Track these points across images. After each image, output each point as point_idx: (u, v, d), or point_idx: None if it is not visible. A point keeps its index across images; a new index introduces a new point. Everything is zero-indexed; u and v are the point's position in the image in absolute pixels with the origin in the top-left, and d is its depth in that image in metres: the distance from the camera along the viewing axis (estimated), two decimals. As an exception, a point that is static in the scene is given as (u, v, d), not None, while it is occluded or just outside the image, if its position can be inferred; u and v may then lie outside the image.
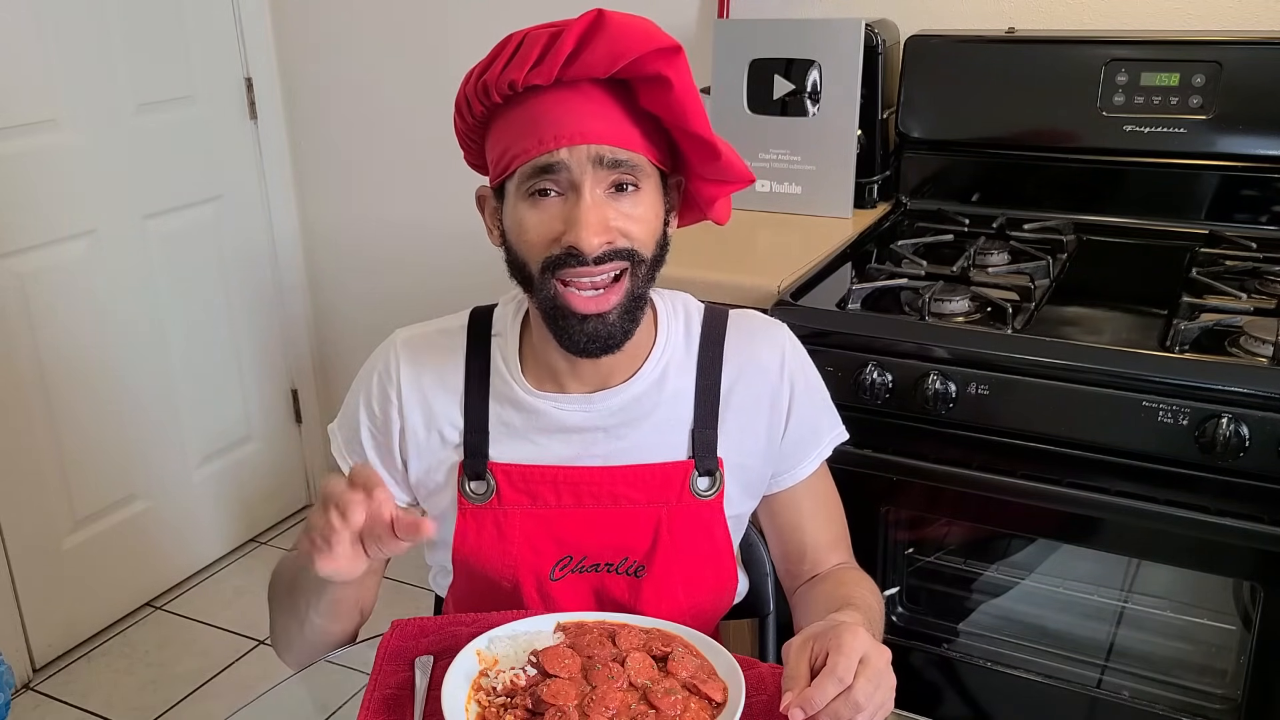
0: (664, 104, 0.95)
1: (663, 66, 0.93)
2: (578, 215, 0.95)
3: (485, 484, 1.08)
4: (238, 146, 2.71)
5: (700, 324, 1.12)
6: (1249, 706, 1.40)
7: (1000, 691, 1.56)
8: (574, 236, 0.95)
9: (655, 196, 1.00)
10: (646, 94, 0.96)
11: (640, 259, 0.99)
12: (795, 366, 1.12)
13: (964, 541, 1.62)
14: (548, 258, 0.97)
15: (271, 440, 2.92)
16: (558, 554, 1.08)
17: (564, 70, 0.93)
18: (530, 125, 0.95)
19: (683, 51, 0.94)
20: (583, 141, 0.94)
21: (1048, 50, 1.84)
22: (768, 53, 1.92)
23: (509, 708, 0.88)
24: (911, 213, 1.97)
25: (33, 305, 2.26)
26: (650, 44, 0.92)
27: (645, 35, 0.92)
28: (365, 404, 1.12)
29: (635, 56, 0.92)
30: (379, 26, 2.58)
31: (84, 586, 2.44)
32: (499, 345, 1.10)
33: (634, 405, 1.08)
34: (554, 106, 0.94)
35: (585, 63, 0.92)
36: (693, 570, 1.10)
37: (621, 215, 0.97)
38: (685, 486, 1.08)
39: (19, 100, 2.19)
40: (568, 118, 0.94)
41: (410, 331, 1.13)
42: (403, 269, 2.76)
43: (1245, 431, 1.26)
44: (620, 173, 0.96)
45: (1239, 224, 1.76)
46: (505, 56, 0.95)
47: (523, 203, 0.98)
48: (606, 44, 0.92)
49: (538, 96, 0.95)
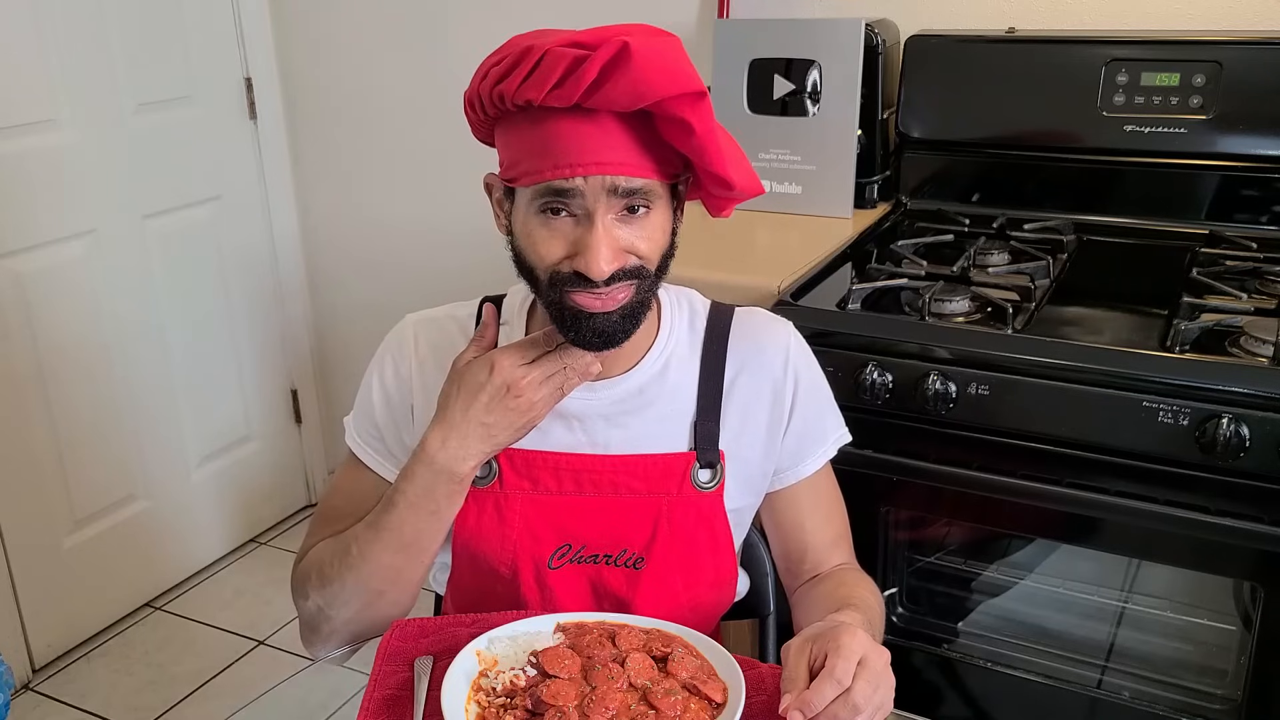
0: (683, 142, 0.94)
1: (686, 111, 0.91)
2: (589, 243, 0.94)
3: (488, 467, 1.08)
4: (237, 146, 2.71)
5: (705, 319, 1.13)
6: (1249, 707, 1.40)
7: (1000, 692, 1.56)
8: (584, 263, 0.94)
9: (665, 213, 1.00)
10: (667, 129, 0.94)
11: (647, 273, 0.99)
12: (800, 364, 1.13)
13: (964, 541, 1.62)
14: (556, 273, 0.97)
15: (271, 440, 2.92)
16: (557, 541, 1.09)
17: (584, 98, 0.90)
18: (545, 145, 0.93)
19: (707, 96, 0.92)
20: (598, 172, 0.93)
21: (1048, 50, 1.84)
22: (768, 53, 1.92)
23: (509, 708, 0.88)
24: (911, 213, 1.97)
25: (33, 305, 2.26)
26: (675, 88, 0.89)
27: (670, 77, 0.89)
28: (379, 383, 1.14)
29: (659, 99, 0.89)
30: (379, 26, 2.58)
31: (84, 586, 2.44)
32: (505, 333, 1.11)
33: (636, 395, 1.08)
34: (570, 131, 0.92)
35: (607, 95, 0.90)
36: (692, 563, 1.10)
37: (631, 239, 0.96)
38: (686, 478, 1.09)
39: (19, 100, 2.19)
40: (585, 145, 0.92)
41: (421, 315, 1.15)
42: (403, 268, 2.76)
43: (1246, 432, 1.26)
44: (634, 199, 0.95)
45: (1239, 224, 1.76)
46: (524, 70, 0.92)
47: (534, 217, 0.97)
48: (630, 81, 0.89)
49: (554, 116, 0.93)
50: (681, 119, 0.91)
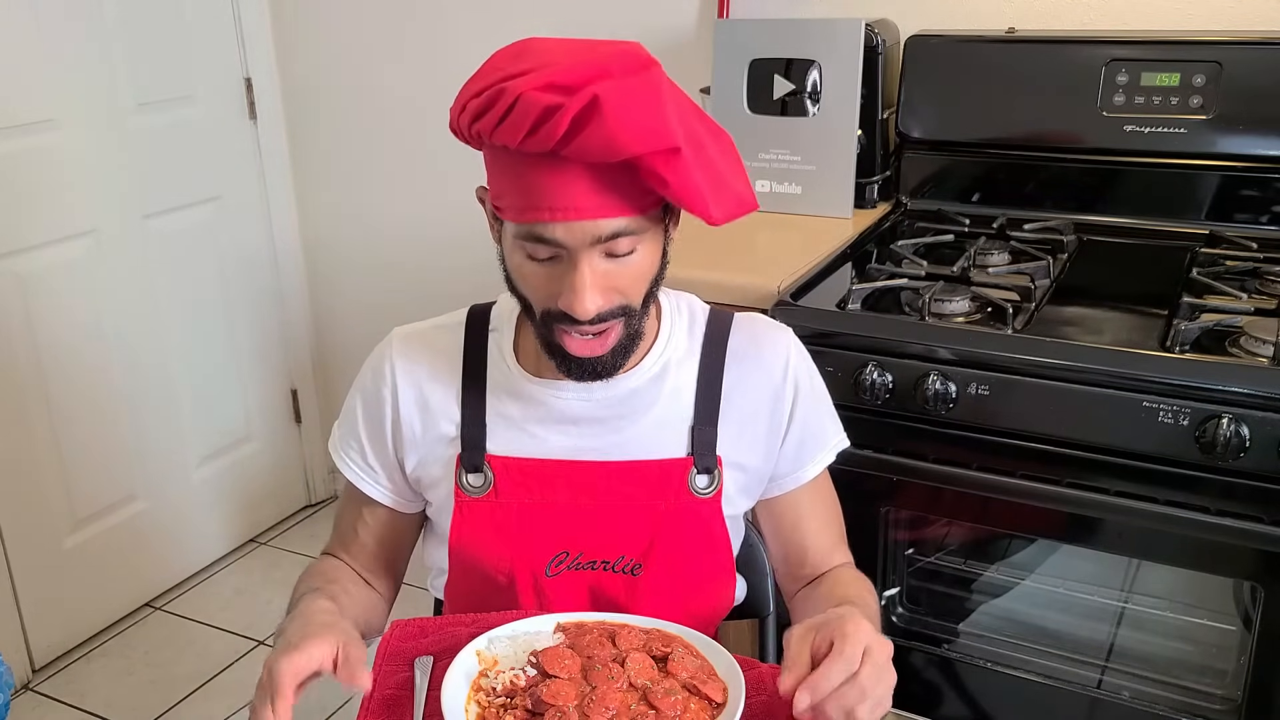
0: (662, 190, 0.92)
1: (659, 167, 0.89)
2: (573, 285, 0.93)
3: (483, 476, 1.08)
4: (237, 146, 2.70)
5: (704, 324, 1.12)
6: (1249, 707, 1.40)
7: (1000, 692, 1.56)
8: (569, 305, 0.94)
9: (653, 243, 0.99)
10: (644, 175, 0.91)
11: (633, 310, 0.99)
12: (799, 370, 1.12)
13: (964, 542, 1.62)
14: (544, 310, 0.98)
15: (271, 440, 2.92)
16: (554, 549, 1.08)
17: (558, 148, 0.89)
18: (525, 186, 0.92)
19: (681, 152, 0.90)
20: (578, 218, 0.91)
21: (1048, 50, 1.84)
22: (768, 53, 1.92)
23: (509, 708, 0.88)
24: (911, 213, 1.97)
25: (32, 305, 2.26)
26: (645, 146, 0.88)
27: (641, 134, 0.88)
28: (362, 401, 1.14)
29: (630, 157, 0.88)
30: (379, 26, 2.58)
31: (84, 586, 2.44)
32: (495, 340, 1.11)
33: (632, 398, 1.08)
34: (548, 175, 0.91)
35: (579, 148, 0.88)
36: (689, 569, 1.10)
37: (617, 277, 0.96)
38: (683, 484, 1.08)
39: (18, 100, 2.19)
40: (564, 191, 0.91)
41: (407, 329, 1.14)
42: (402, 268, 2.76)
43: (1246, 432, 1.26)
44: (617, 241, 0.94)
45: (1239, 224, 1.76)
46: (498, 114, 0.90)
47: (518, 251, 0.97)
48: (601, 137, 0.87)
49: (531, 158, 0.91)
50: (656, 173, 0.90)
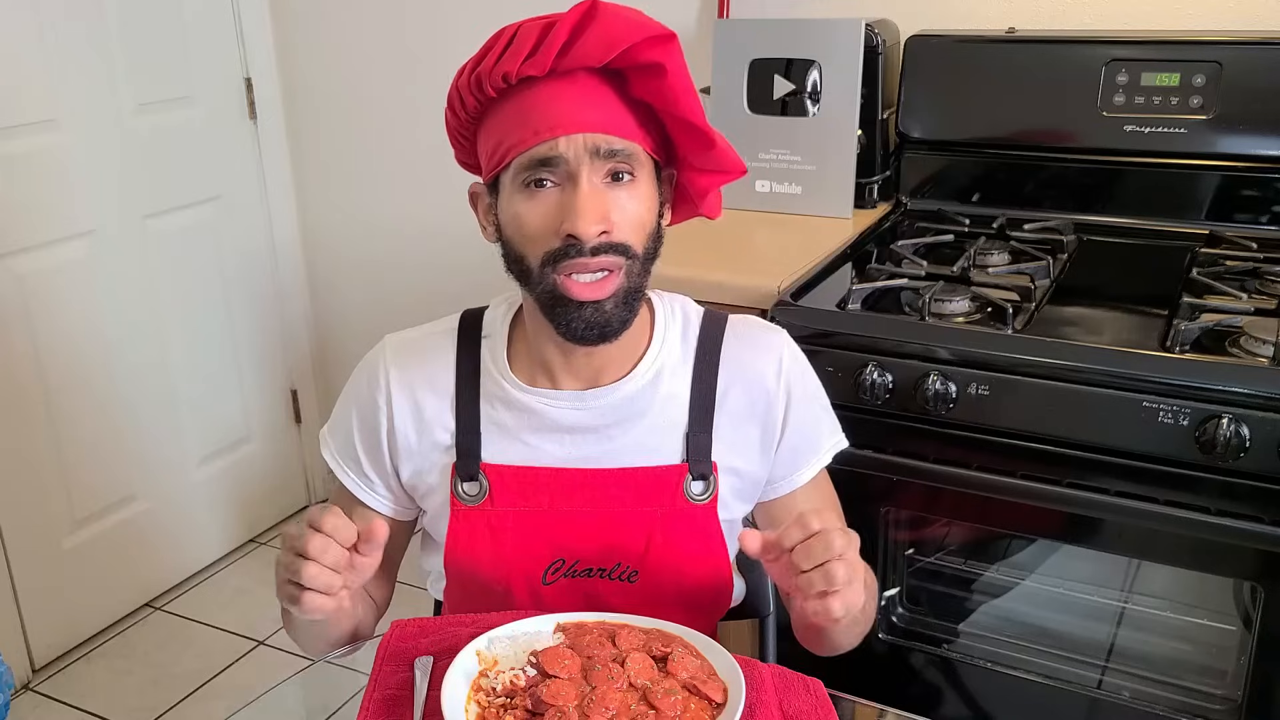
0: (658, 91, 0.97)
1: (657, 54, 0.94)
2: (575, 203, 0.95)
3: (478, 485, 1.08)
4: (237, 147, 2.70)
5: (698, 328, 1.11)
6: (1249, 707, 1.40)
7: (1000, 692, 1.56)
8: (571, 224, 0.95)
9: (650, 188, 1.01)
10: (640, 83, 0.97)
11: (634, 254, 0.99)
12: (792, 373, 1.11)
13: (964, 542, 1.62)
14: (547, 251, 0.97)
15: (271, 440, 2.92)
16: (550, 557, 1.08)
17: (558, 60, 0.94)
18: (525, 116, 0.96)
19: (676, 39, 0.96)
20: (578, 130, 0.95)
21: (1048, 50, 1.84)
22: (768, 53, 1.92)
23: (509, 708, 0.88)
24: (911, 213, 1.97)
25: (32, 305, 2.26)
26: (644, 32, 0.94)
27: (639, 24, 0.94)
28: (356, 410, 1.13)
29: (630, 44, 0.93)
30: (379, 27, 2.58)
31: (84, 586, 2.44)
32: (488, 346, 1.10)
33: (627, 405, 1.07)
34: (549, 98, 0.95)
35: (579, 53, 0.94)
36: (686, 575, 1.09)
37: (617, 207, 0.97)
38: (679, 490, 1.07)
39: (19, 100, 2.19)
40: (563, 108, 0.95)
41: (400, 336, 1.14)
42: (402, 268, 2.76)
43: (1246, 432, 1.26)
44: (616, 161, 0.97)
45: (1239, 224, 1.76)
46: (498, 49, 0.96)
47: (519, 194, 0.98)
48: (600, 33, 0.93)
49: (531, 88, 0.96)
50: (654, 61, 0.94)
